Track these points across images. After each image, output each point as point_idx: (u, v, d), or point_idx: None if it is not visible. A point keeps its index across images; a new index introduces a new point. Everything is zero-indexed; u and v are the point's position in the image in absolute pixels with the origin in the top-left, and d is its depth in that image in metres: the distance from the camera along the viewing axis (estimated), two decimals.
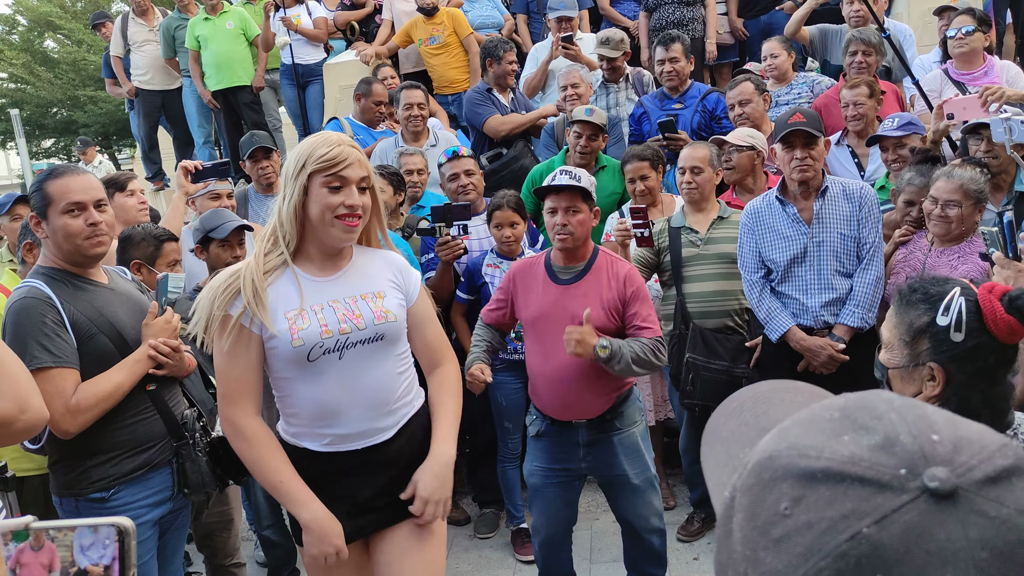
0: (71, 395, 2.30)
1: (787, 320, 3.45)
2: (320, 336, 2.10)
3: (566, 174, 2.99)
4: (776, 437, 0.59)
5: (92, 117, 19.62)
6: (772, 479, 0.56)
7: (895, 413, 0.56)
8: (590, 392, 2.98)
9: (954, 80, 4.58)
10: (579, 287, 3.00)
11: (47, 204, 2.37)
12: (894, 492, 0.51)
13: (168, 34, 7.30)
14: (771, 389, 0.74)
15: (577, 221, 2.96)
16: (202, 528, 3.29)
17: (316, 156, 2.06)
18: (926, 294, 1.65)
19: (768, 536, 0.54)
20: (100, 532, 0.63)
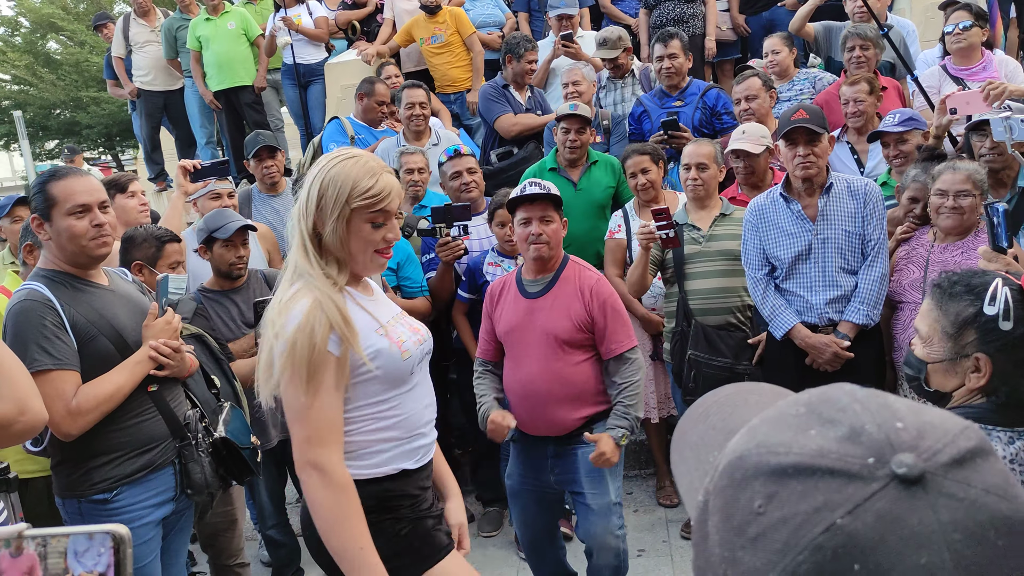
0: (72, 397, 2.30)
1: (792, 317, 3.45)
2: (416, 346, 2.06)
3: (535, 185, 2.99)
4: (745, 437, 0.59)
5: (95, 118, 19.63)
6: (744, 478, 0.56)
7: (858, 404, 0.57)
8: (558, 411, 2.96)
9: (952, 76, 4.57)
10: (546, 299, 2.99)
11: (51, 205, 2.37)
12: (864, 481, 0.52)
13: (170, 35, 7.30)
14: (735, 392, 0.75)
15: (551, 230, 2.96)
16: (206, 528, 3.29)
17: (360, 191, 1.91)
18: (968, 286, 1.66)
19: (744, 535, 0.54)
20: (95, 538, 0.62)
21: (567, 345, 2.93)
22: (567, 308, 2.94)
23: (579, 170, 4.53)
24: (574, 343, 2.94)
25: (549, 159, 4.66)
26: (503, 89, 5.50)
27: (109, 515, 2.44)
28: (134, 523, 2.46)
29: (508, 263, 3.95)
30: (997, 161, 3.55)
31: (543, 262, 2.99)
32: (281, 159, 4.93)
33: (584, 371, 2.97)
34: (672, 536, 4.02)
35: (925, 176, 3.52)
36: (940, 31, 4.92)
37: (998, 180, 3.62)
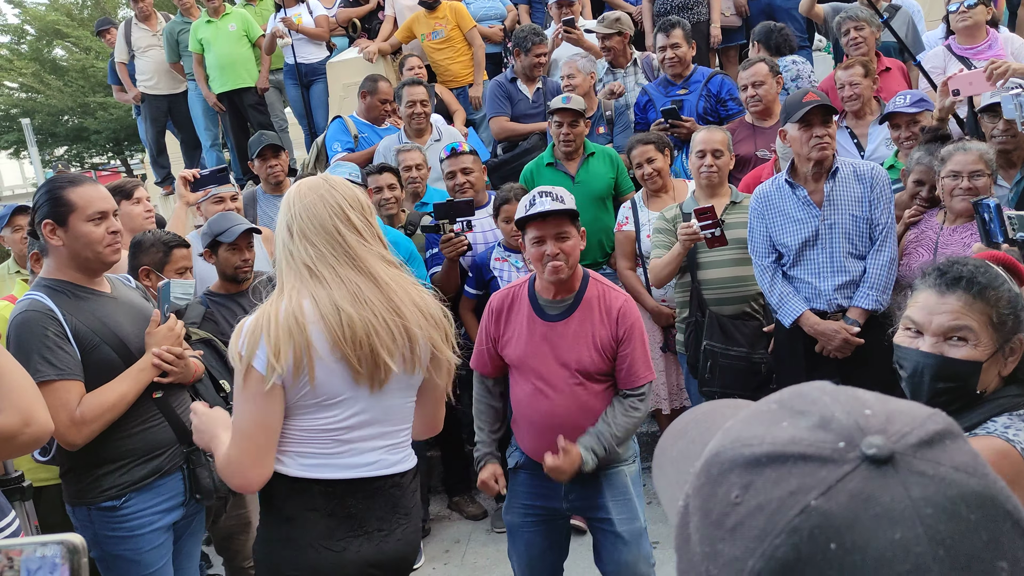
0: (75, 407, 2.31)
1: (800, 304, 3.42)
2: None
3: (547, 196, 2.62)
4: (721, 436, 0.60)
5: (103, 124, 19.70)
6: (720, 473, 0.57)
7: (828, 396, 0.58)
8: (572, 432, 2.65)
9: (957, 55, 4.51)
10: (568, 325, 2.66)
11: (69, 212, 2.38)
12: (836, 464, 0.53)
13: (171, 38, 7.30)
14: (712, 408, 0.76)
15: (568, 247, 2.60)
16: (220, 531, 3.30)
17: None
18: (988, 269, 1.61)
19: (723, 527, 0.55)
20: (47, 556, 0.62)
21: (589, 375, 2.65)
22: (592, 336, 2.64)
23: (576, 163, 4.51)
24: (597, 373, 2.66)
25: (547, 154, 4.65)
26: (510, 84, 5.48)
27: (119, 522, 2.45)
28: (144, 529, 2.48)
29: (515, 258, 3.93)
30: (1010, 142, 3.51)
31: (564, 283, 2.67)
32: (285, 159, 4.93)
33: (606, 400, 2.71)
34: None
35: (930, 158, 3.48)
36: (944, 10, 4.86)
37: (1009, 160, 3.58)
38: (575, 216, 2.65)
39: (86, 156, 22.85)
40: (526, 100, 5.46)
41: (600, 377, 2.67)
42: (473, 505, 4.45)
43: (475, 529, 4.30)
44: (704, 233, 3.46)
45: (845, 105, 4.39)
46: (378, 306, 1.91)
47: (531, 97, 5.47)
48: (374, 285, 1.92)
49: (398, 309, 1.93)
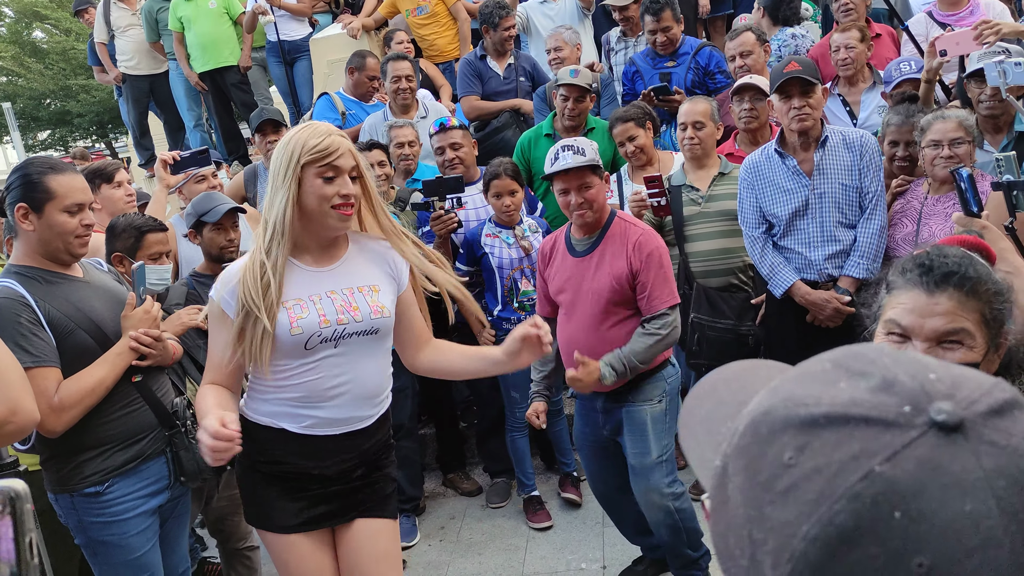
0: (53, 394, 2.28)
1: (791, 275, 3.41)
2: (319, 326, 2.14)
3: (569, 150, 2.94)
4: (768, 395, 0.58)
5: (85, 106, 19.51)
6: (771, 433, 0.55)
7: (888, 358, 0.56)
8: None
9: (939, 22, 4.48)
10: (591, 259, 2.99)
11: (47, 199, 2.34)
12: (901, 429, 0.51)
13: (151, 17, 7.18)
14: (741, 368, 0.73)
15: (592, 195, 2.94)
16: (213, 513, 3.29)
17: (308, 147, 2.06)
18: (968, 258, 1.48)
19: (773, 490, 0.53)
20: None
21: (613, 304, 2.93)
22: (611, 266, 2.94)
23: (576, 135, 4.46)
24: (620, 301, 2.94)
25: (546, 124, 4.60)
26: (480, 61, 5.43)
27: (102, 508, 2.43)
28: (128, 513, 2.46)
29: (506, 233, 3.91)
30: (997, 107, 3.49)
31: (592, 224, 3.01)
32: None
33: (629, 329, 2.97)
34: None
35: (900, 118, 3.50)
36: None
37: (995, 125, 3.56)
38: (596, 166, 2.93)
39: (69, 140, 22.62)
40: (497, 77, 5.40)
41: (621, 305, 2.94)
42: (468, 481, 4.46)
43: (470, 505, 4.31)
44: (651, 201, 3.58)
45: (839, 70, 4.35)
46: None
47: (502, 73, 5.41)
48: None
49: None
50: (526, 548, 3.85)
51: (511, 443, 4.11)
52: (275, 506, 2.25)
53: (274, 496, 2.25)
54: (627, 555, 3.60)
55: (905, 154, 3.50)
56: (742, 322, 3.66)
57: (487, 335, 3.96)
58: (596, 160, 2.94)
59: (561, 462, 4.23)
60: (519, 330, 2.17)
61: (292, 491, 2.25)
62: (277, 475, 2.24)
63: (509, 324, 3.89)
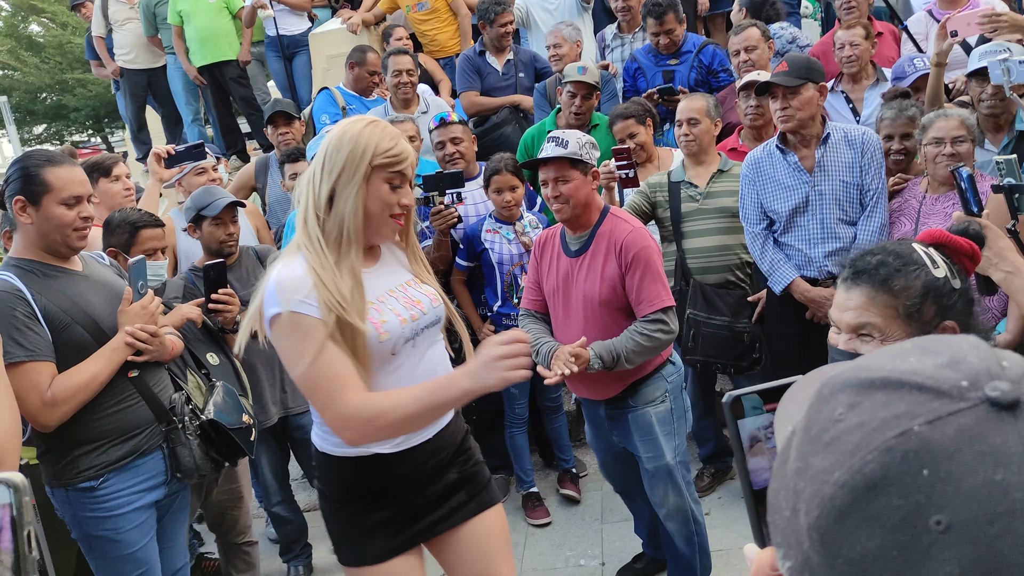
0: (47, 388, 2.26)
1: (791, 272, 3.41)
2: (401, 327, 1.98)
3: (552, 141, 2.82)
4: (852, 365, 0.59)
5: (82, 100, 19.44)
6: (831, 393, 0.57)
7: (966, 343, 0.57)
8: (598, 375, 2.81)
9: (939, 21, 4.48)
10: (584, 259, 2.87)
11: (44, 192, 2.33)
12: (951, 399, 0.52)
13: (149, 11, 7.15)
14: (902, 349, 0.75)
15: (569, 190, 2.79)
16: (213, 507, 3.29)
17: (382, 150, 1.90)
18: (899, 256, 1.51)
19: (819, 442, 0.55)
20: None
21: (605, 307, 2.81)
22: (601, 268, 2.82)
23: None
24: (612, 304, 2.81)
25: (549, 120, 4.59)
26: (479, 57, 5.43)
27: (97, 503, 2.42)
28: (124, 508, 2.45)
29: (506, 229, 3.90)
30: (998, 106, 3.49)
31: (574, 221, 2.87)
32: (299, 127, 4.90)
33: (623, 328, 2.83)
34: None
35: (894, 112, 3.52)
36: None
37: (997, 124, 3.56)
38: (577, 160, 2.80)
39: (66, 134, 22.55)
40: (496, 73, 5.40)
41: (615, 308, 2.83)
42: None
43: None
44: (619, 173, 3.56)
45: (843, 67, 4.35)
46: None
47: (501, 69, 5.40)
48: None
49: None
50: (524, 544, 3.85)
51: (510, 439, 4.10)
52: (374, 538, 2.07)
53: (372, 528, 2.07)
54: (625, 551, 3.60)
55: (900, 147, 3.51)
56: (738, 319, 3.66)
57: (487, 330, 3.96)
58: (579, 153, 2.79)
59: (560, 458, 4.23)
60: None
61: (390, 516, 2.08)
62: (373, 508, 2.06)
63: (509, 320, 3.89)
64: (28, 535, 0.58)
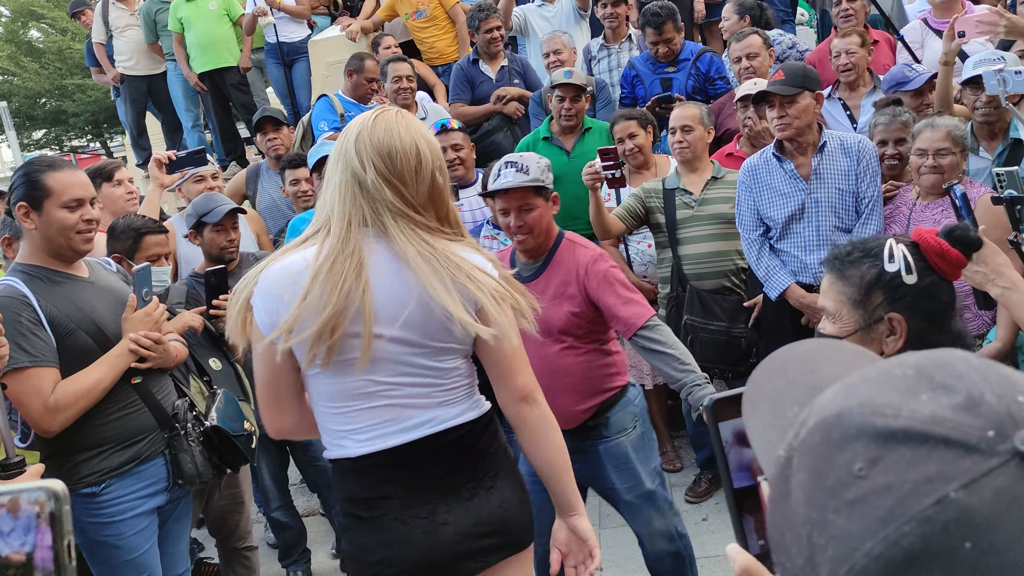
0: (50, 394, 2.28)
1: (786, 278, 3.44)
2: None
3: (512, 167, 2.64)
4: (843, 394, 0.56)
5: (81, 106, 19.47)
6: (843, 438, 0.53)
7: (975, 372, 0.53)
8: (565, 400, 2.65)
9: (934, 29, 4.53)
10: (538, 285, 2.69)
11: (45, 196, 2.35)
12: (983, 455, 0.49)
13: (149, 18, 7.19)
14: (814, 348, 0.72)
15: (533, 219, 2.63)
16: (214, 512, 3.30)
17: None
18: (864, 250, 1.63)
19: (840, 498, 0.52)
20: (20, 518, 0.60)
21: (562, 333, 2.68)
22: (561, 294, 2.68)
23: (573, 138, 4.50)
24: (570, 331, 2.69)
25: (543, 128, 4.63)
26: (472, 66, 5.48)
27: (99, 508, 2.43)
28: (126, 514, 2.46)
29: (504, 236, 3.93)
30: (992, 114, 3.52)
31: (535, 250, 2.74)
32: (287, 133, 4.91)
33: (585, 359, 2.73)
34: (677, 500, 4.02)
35: (887, 118, 3.54)
36: None
37: (991, 131, 3.60)
38: (539, 187, 2.64)
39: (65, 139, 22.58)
40: (489, 80, 5.44)
41: (573, 335, 2.68)
42: None
43: None
44: (605, 173, 3.50)
45: (839, 75, 4.38)
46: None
47: (494, 76, 5.44)
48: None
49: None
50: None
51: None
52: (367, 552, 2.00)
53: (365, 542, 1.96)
54: (624, 556, 3.62)
55: (895, 152, 3.53)
56: (735, 324, 3.70)
57: None
58: (541, 180, 2.63)
59: None
60: None
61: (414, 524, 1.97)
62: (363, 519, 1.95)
63: None
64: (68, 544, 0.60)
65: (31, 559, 0.60)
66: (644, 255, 4.17)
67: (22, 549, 0.60)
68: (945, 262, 1.59)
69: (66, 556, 0.60)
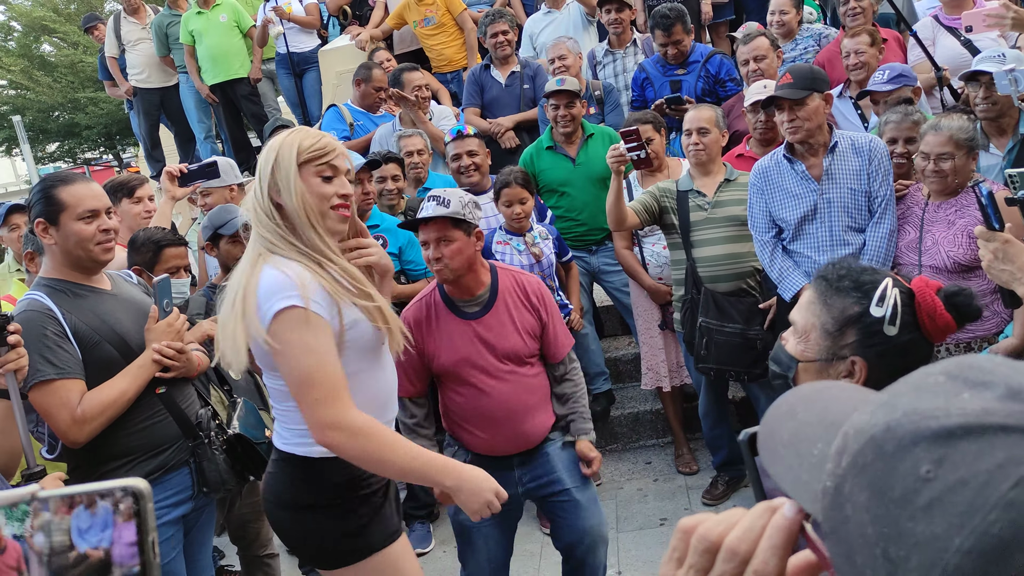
0: (76, 405, 2.31)
1: (800, 279, 3.44)
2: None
3: (433, 200, 2.67)
4: (883, 411, 0.56)
5: (93, 119, 19.63)
6: (899, 448, 0.53)
7: (1003, 367, 0.55)
8: (526, 425, 2.77)
9: (945, 26, 4.52)
10: (492, 317, 2.73)
11: (60, 210, 2.39)
12: None
13: (160, 31, 7.27)
14: (817, 390, 0.72)
15: (451, 252, 2.63)
16: (235, 520, 3.34)
17: (305, 147, 2.00)
18: (857, 282, 1.52)
19: (912, 505, 0.51)
20: (98, 514, 0.61)
21: (526, 357, 2.77)
22: (518, 322, 2.74)
23: (576, 145, 4.51)
24: (531, 355, 2.78)
25: (545, 137, 4.64)
26: (484, 72, 5.52)
27: None
28: None
29: (517, 240, 3.95)
30: (992, 110, 3.52)
31: (461, 284, 2.72)
32: None
33: (541, 378, 2.83)
34: (694, 503, 4.05)
35: (898, 116, 3.53)
36: None
37: (999, 128, 3.59)
38: (460, 220, 2.65)
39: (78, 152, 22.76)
40: (499, 85, 5.47)
41: (532, 359, 2.80)
42: None
43: None
44: (630, 155, 3.48)
45: (850, 74, 4.38)
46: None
47: (504, 81, 5.47)
48: None
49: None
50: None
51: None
52: (380, 522, 2.16)
53: (374, 512, 2.15)
54: (640, 559, 3.63)
55: (904, 151, 3.52)
56: (750, 326, 3.69)
57: None
58: (461, 213, 2.63)
59: None
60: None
61: (383, 499, 2.19)
62: (369, 494, 2.14)
63: None
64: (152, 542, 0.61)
65: (109, 555, 0.61)
66: (659, 257, 4.18)
67: (100, 546, 0.61)
68: (933, 324, 1.49)
69: (151, 553, 0.61)
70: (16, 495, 0.63)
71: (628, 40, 5.43)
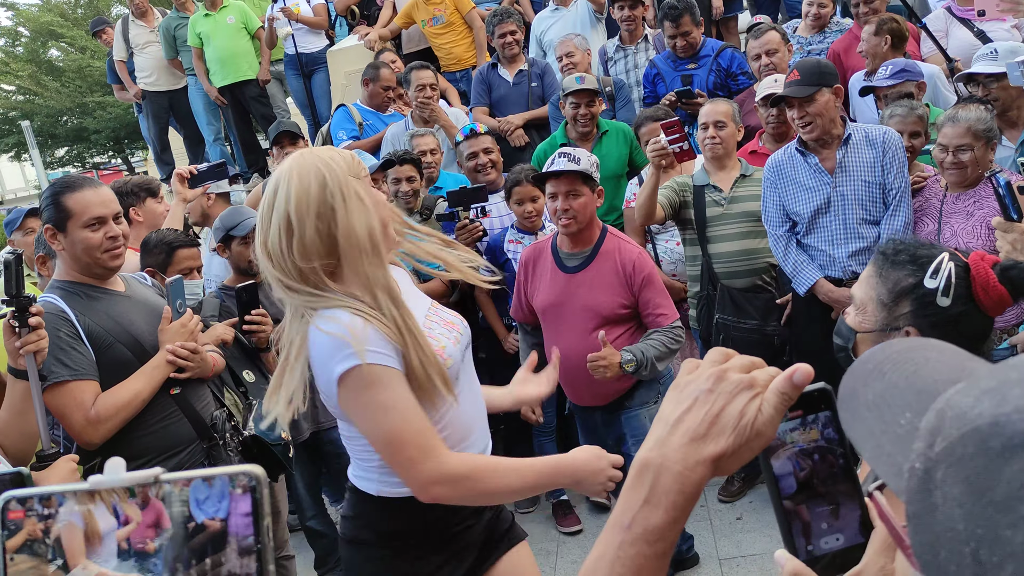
0: (91, 406, 2.31)
1: (814, 273, 3.42)
2: (454, 345, 1.85)
3: (564, 156, 2.93)
4: (990, 400, 0.53)
5: (102, 123, 19.72)
6: (1007, 448, 0.50)
7: None
8: (598, 381, 2.97)
9: (958, 17, 4.48)
10: (586, 274, 2.98)
11: (66, 217, 2.38)
12: None
13: (168, 34, 7.28)
14: (908, 348, 0.69)
15: (579, 205, 2.91)
16: None
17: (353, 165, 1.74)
18: (913, 256, 1.57)
19: (1015, 513, 0.49)
20: (215, 486, 0.61)
21: (606, 321, 2.96)
22: (608, 284, 2.95)
23: (590, 143, 4.49)
24: (614, 318, 2.96)
25: (559, 134, 4.62)
26: (491, 70, 5.51)
27: None
28: None
29: (528, 239, 3.93)
30: (997, 106, 3.51)
31: (575, 236, 2.98)
32: (304, 147, 4.92)
33: (623, 341, 3.00)
34: (710, 500, 4.02)
35: (904, 109, 3.51)
36: None
37: (1009, 121, 3.56)
38: (588, 176, 2.91)
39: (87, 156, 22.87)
40: (507, 83, 5.46)
41: (615, 322, 2.97)
42: None
43: None
44: (672, 148, 3.40)
45: (868, 64, 4.35)
46: None
47: (511, 80, 5.45)
48: None
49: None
50: (557, 553, 3.86)
51: (539, 448, 4.12)
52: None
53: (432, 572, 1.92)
54: None
55: (908, 145, 3.49)
56: (767, 322, 3.67)
57: (511, 339, 3.99)
58: (590, 170, 2.91)
59: None
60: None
61: (447, 558, 1.93)
62: (429, 549, 1.90)
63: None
64: (267, 527, 0.61)
65: (226, 526, 0.61)
66: (672, 253, 4.15)
67: (216, 516, 0.61)
68: (987, 296, 1.53)
69: (266, 536, 0.61)
70: (139, 477, 0.64)
71: (640, 36, 5.40)
